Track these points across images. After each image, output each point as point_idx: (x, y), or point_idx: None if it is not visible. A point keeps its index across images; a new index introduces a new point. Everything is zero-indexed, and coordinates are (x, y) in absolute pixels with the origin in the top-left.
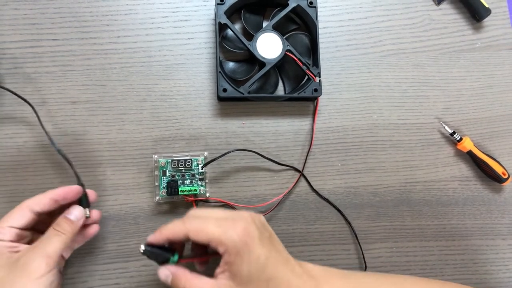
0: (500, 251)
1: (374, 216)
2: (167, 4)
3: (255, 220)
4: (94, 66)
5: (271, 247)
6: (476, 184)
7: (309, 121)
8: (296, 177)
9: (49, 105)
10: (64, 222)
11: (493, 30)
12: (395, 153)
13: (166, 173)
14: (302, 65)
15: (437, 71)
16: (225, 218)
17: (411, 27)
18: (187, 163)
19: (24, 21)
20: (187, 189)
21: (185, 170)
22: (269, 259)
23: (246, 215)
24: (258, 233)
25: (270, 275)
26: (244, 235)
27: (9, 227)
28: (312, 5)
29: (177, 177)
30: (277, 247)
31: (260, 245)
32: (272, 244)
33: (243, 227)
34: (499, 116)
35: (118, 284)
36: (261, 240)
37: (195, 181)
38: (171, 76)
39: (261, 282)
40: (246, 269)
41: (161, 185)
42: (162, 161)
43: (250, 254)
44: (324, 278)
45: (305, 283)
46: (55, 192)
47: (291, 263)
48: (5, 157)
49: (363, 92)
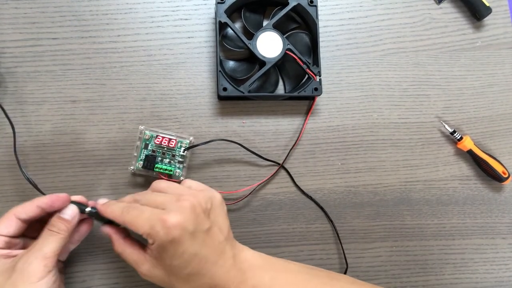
0: (500, 250)
1: (374, 215)
2: (167, 3)
3: (197, 209)
4: (94, 65)
5: (205, 242)
6: (476, 183)
7: (310, 121)
8: (282, 175)
9: (49, 104)
10: (58, 222)
11: (493, 29)
12: (395, 152)
13: (148, 146)
14: (302, 64)
15: (437, 70)
16: (166, 203)
17: (411, 26)
18: (171, 142)
19: (24, 20)
20: (163, 168)
21: (167, 149)
22: (195, 256)
23: (188, 204)
24: (192, 228)
25: (192, 271)
26: (173, 231)
27: (6, 237)
28: (312, 4)
29: (157, 153)
30: (214, 241)
31: (189, 241)
32: (208, 237)
33: (177, 221)
34: (500, 115)
35: (118, 284)
36: (193, 235)
37: (174, 162)
38: (171, 75)
39: (182, 275)
40: (168, 262)
41: (139, 156)
42: (147, 134)
43: (175, 250)
44: (254, 271)
45: (230, 279)
46: (41, 200)
47: (225, 256)
48: (5, 157)
49: (363, 91)
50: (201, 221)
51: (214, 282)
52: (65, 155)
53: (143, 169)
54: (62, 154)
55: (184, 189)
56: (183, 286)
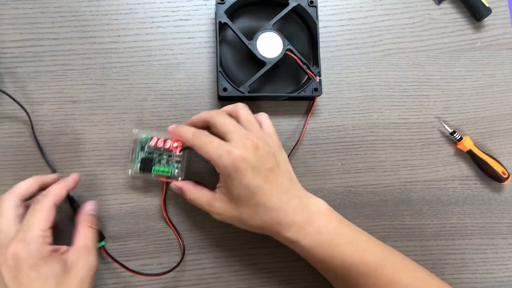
0: (500, 251)
1: (374, 215)
2: (168, 3)
3: (260, 150)
4: (94, 65)
5: (268, 178)
6: (476, 184)
7: (310, 122)
8: None
9: (49, 104)
10: (93, 217)
11: (493, 29)
12: (395, 153)
13: (144, 148)
14: (302, 64)
15: (437, 71)
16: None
17: (411, 27)
18: (166, 143)
19: (24, 20)
20: (161, 169)
21: (163, 150)
22: (259, 188)
23: (251, 143)
24: (254, 163)
25: (258, 202)
26: (237, 163)
27: (49, 229)
28: (312, 4)
29: (155, 154)
30: (278, 179)
31: (252, 174)
32: (271, 175)
33: (239, 155)
34: (499, 115)
35: (118, 284)
36: (255, 170)
37: (172, 163)
38: (171, 75)
39: (249, 205)
40: (236, 192)
41: (136, 159)
42: (142, 136)
43: (240, 180)
44: (320, 216)
45: (296, 216)
46: (69, 185)
47: (290, 194)
48: (5, 156)
49: (363, 92)
50: (264, 159)
51: (280, 217)
52: (65, 155)
53: (141, 172)
54: (62, 154)
55: (255, 126)
56: (252, 219)
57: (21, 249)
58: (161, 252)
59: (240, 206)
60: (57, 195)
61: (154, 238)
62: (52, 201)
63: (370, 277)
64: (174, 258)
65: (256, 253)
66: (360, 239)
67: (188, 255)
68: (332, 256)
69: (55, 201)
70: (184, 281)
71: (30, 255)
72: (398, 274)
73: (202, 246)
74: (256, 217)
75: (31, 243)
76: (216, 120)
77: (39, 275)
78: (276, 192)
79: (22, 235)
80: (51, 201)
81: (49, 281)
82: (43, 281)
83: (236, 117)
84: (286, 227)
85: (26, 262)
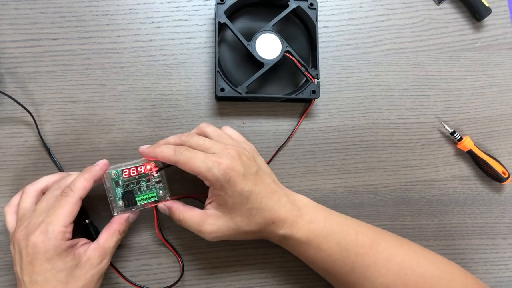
0: (500, 250)
1: (374, 215)
2: (167, 3)
3: (242, 157)
4: (94, 66)
5: (256, 182)
6: (476, 184)
7: (310, 122)
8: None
9: (49, 105)
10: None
11: (493, 29)
12: (395, 153)
13: (119, 183)
14: (300, 66)
15: (437, 71)
16: (215, 149)
17: (411, 27)
18: (140, 169)
19: (24, 20)
20: (145, 197)
21: (139, 177)
22: (252, 192)
23: (234, 152)
24: (243, 170)
25: (252, 206)
26: (228, 172)
27: (71, 224)
28: (312, 6)
29: (132, 185)
30: (264, 181)
31: (242, 181)
32: (258, 178)
33: (228, 164)
34: (500, 115)
35: (118, 283)
36: (245, 176)
37: (153, 186)
38: (171, 76)
39: (244, 211)
40: (230, 201)
41: (116, 197)
42: (112, 172)
43: (233, 188)
44: (308, 209)
45: (288, 212)
46: (95, 174)
47: (278, 194)
48: (5, 157)
49: (363, 92)
50: (248, 165)
51: (274, 215)
52: (65, 155)
53: (127, 208)
54: (62, 154)
55: (227, 138)
56: (248, 225)
57: (41, 241)
58: (161, 252)
59: (235, 215)
60: (84, 189)
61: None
62: (78, 196)
63: (367, 255)
64: (174, 258)
65: (256, 253)
66: (351, 223)
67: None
68: (327, 242)
69: (81, 196)
70: (185, 281)
71: (48, 250)
72: (394, 248)
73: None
74: (252, 222)
75: (51, 238)
76: (191, 142)
77: (52, 268)
78: (266, 194)
79: (44, 227)
80: (77, 196)
81: (61, 273)
82: (55, 273)
83: (205, 135)
84: (280, 224)
85: (43, 255)
